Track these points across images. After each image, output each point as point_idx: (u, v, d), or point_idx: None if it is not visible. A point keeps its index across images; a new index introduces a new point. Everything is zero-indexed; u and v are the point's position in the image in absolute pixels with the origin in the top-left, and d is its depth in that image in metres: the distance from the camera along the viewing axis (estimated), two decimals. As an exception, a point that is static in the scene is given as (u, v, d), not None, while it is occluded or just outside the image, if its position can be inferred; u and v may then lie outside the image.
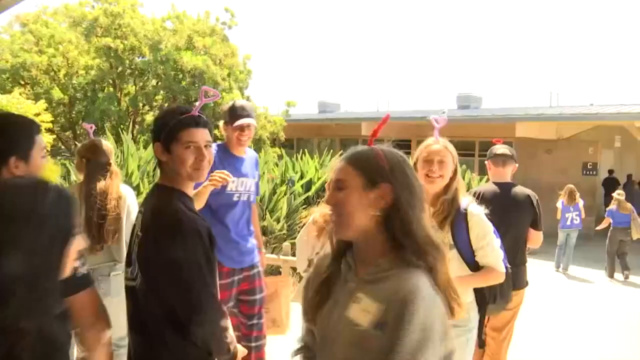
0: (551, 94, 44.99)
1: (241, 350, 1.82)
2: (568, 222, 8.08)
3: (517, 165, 3.55)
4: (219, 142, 3.03)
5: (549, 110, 13.90)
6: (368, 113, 18.78)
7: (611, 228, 7.99)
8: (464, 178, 9.78)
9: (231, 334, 1.79)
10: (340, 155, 4.25)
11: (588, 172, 13.09)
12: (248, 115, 2.96)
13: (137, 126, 12.78)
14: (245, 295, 3.08)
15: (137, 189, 5.94)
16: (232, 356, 1.76)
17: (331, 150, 10.31)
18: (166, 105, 13.14)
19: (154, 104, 13.10)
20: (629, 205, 7.91)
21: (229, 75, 13.32)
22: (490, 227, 2.35)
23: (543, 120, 12.82)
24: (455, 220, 2.30)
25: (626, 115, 11.89)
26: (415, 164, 2.36)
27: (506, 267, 2.35)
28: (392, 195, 1.30)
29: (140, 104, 13.00)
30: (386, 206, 1.31)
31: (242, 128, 2.96)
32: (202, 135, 1.86)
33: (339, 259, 1.42)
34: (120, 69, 12.43)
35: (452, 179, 2.34)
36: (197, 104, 2.06)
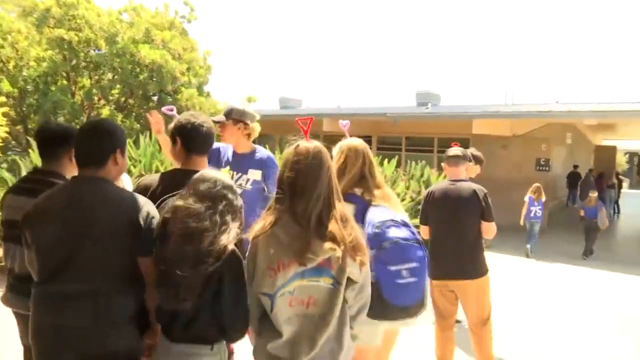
0: (506, 92, 46.36)
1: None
2: (532, 214, 9.42)
3: (471, 163, 3.86)
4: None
5: (504, 108, 14.30)
6: (329, 109, 18.84)
7: (585, 219, 9.60)
8: (422, 174, 9.99)
9: None
10: None
11: (541, 168, 13.57)
12: (225, 114, 3.38)
13: (92, 121, 12.41)
14: None
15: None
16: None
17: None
18: (123, 99, 12.82)
19: (110, 98, 12.75)
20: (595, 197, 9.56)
21: (188, 70, 13.10)
22: None
23: (498, 117, 13.18)
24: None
25: (576, 113, 12.37)
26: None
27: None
28: None
29: (96, 98, 12.62)
30: None
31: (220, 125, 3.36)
32: None
33: None
34: (74, 61, 12.02)
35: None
36: (155, 98, 2.14)
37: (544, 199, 9.52)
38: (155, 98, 12.88)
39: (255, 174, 3.34)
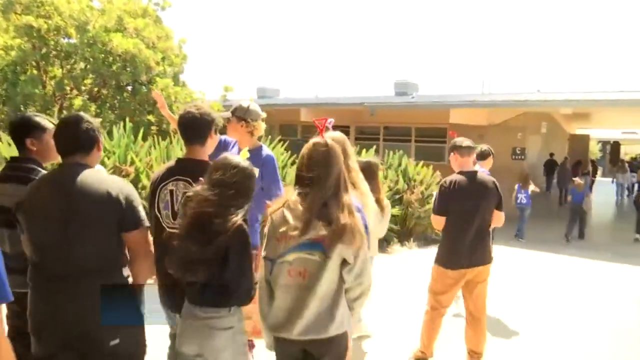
0: (483, 81, 46.80)
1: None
2: (518, 201, 9.92)
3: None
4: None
5: (481, 98, 14.41)
6: (307, 99, 18.74)
7: (572, 203, 10.29)
8: (400, 164, 10.02)
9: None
10: (279, 141, 4.56)
11: (517, 157, 13.75)
12: (231, 111, 3.55)
13: (64, 111, 12.10)
14: None
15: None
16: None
17: (269, 136, 10.19)
18: (95, 90, 12.52)
19: (83, 88, 12.43)
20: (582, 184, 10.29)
21: (163, 59, 12.84)
22: None
23: (476, 107, 13.29)
24: None
25: (552, 102, 12.53)
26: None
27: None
28: None
29: (68, 88, 12.30)
30: None
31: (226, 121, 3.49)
32: None
33: None
34: (44, 50, 11.67)
35: None
36: (129, 88, 2.18)
37: (531, 187, 9.87)
38: (129, 88, 12.62)
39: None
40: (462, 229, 3.68)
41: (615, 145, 33.02)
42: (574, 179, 10.68)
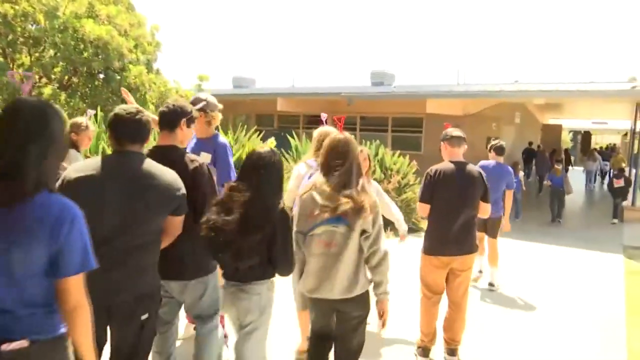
0: (458, 71, 47.19)
1: None
2: None
3: (466, 146, 3.93)
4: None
5: (457, 88, 14.52)
6: (283, 89, 18.62)
7: (551, 188, 11.18)
8: (377, 153, 10.03)
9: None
10: (255, 131, 4.69)
11: (491, 147, 13.92)
12: (191, 103, 3.56)
13: (33, 100, 11.75)
14: None
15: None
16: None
17: (245, 126, 10.09)
18: (66, 78, 12.19)
19: (53, 76, 12.10)
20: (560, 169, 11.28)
21: (135, 47, 12.57)
22: None
23: (452, 97, 13.39)
24: None
25: (525, 92, 12.71)
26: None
27: None
28: None
29: (37, 77, 11.95)
30: None
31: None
32: None
33: None
34: (10, 36, 11.30)
35: None
36: (101, 76, 2.20)
37: (521, 174, 10.77)
38: (101, 76, 12.32)
39: (205, 157, 3.54)
40: (448, 218, 3.73)
41: (586, 135, 33.73)
42: (555, 166, 11.61)
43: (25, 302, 1.63)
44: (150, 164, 2.41)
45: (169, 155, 2.67)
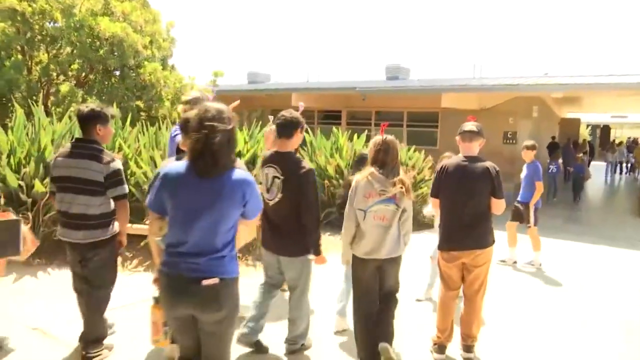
0: (474, 65, 46.71)
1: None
2: (550, 171, 12.63)
3: (484, 139, 3.89)
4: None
5: (473, 82, 14.35)
6: (298, 84, 18.58)
7: (572, 173, 13.84)
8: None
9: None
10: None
11: (508, 141, 13.75)
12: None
13: (51, 97, 11.89)
14: None
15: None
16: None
17: (260, 122, 10.10)
18: (83, 75, 12.31)
19: (70, 73, 12.23)
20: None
21: (150, 43, 12.65)
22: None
23: (468, 91, 13.22)
24: None
25: (543, 86, 12.49)
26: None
27: None
28: None
29: (54, 74, 12.08)
30: None
31: None
32: None
33: None
34: (29, 34, 11.44)
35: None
36: (117, 73, 2.22)
37: (560, 160, 13.11)
38: (117, 73, 12.42)
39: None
40: (454, 213, 3.75)
41: (606, 129, 33.19)
42: (578, 155, 14.01)
43: (220, 249, 2.33)
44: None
45: (290, 158, 3.56)
